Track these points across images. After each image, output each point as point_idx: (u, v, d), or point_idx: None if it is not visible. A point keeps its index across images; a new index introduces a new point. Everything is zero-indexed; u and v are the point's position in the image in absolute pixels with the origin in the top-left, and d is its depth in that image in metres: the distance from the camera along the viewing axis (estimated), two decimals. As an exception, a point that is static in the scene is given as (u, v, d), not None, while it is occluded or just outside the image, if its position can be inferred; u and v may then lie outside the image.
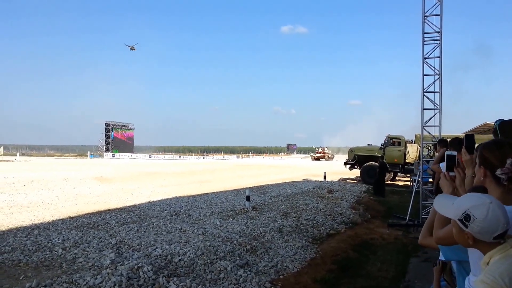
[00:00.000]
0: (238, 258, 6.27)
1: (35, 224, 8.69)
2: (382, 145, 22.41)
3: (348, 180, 23.69)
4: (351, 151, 24.14)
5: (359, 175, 22.88)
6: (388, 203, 14.12)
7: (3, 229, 8.15)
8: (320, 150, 79.96)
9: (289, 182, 20.67)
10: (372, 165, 21.35)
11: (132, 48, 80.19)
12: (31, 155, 78.00)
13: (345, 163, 24.40)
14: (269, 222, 8.98)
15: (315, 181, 21.88)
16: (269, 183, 20.09)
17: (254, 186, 17.73)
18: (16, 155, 62.47)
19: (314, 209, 11.19)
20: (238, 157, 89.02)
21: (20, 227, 8.36)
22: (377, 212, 12.12)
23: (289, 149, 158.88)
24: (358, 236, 8.77)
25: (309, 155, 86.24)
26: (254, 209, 10.77)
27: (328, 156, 77.68)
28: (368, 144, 24.73)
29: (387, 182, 20.35)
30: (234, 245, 6.90)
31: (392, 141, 22.14)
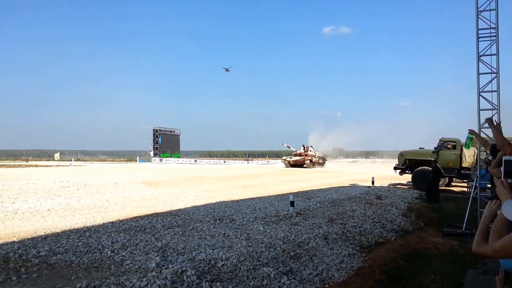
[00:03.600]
0: (281, 265, 6.18)
1: (87, 227, 8.93)
2: (435, 149, 21.47)
3: (398, 186, 22.89)
4: (401, 155, 23.23)
5: (410, 180, 22.08)
6: (443, 210, 13.51)
7: (58, 231, 8.42)
8: (300, 151, 53.38)
9: (335, 187, 20.35)
10: (425, 169, 20.45)
11: (226, 70, 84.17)
12: (85, 160, 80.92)
13: (395, 168, 23.46)
14: (314, 229, 8.82)
15: (363, 186, 21.43)
16: (314, 188, 19.86)
17: (299, 191, 17.56)
18: (71, 160, 64.99)
19: (362, 215, 10.91)
20: (282, 162, 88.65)
21: (73, 229, 8.62)
22: (430, 220, 11.59)
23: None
24: (409, 245, 8.42)
25: (284, 160, 55.34)
26: (298, 215, 10.64)
27: (312, 160, 52.33)
28: (420, 148, 23.77)
29: (441, 188, 19.47)
30: (278, 252, 6.81)
31: (446, 144, 21.20)
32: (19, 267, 5.81)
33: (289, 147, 57.64)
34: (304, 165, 51.40)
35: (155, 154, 79.85)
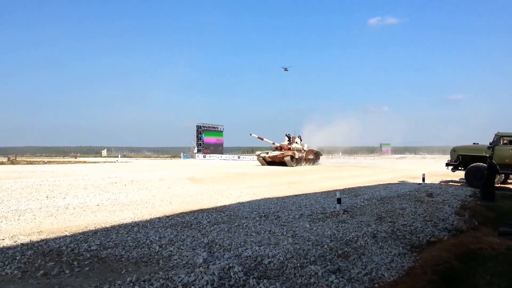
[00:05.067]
0: (329, 263, 6.05)
1: (135, 222, 9.09)
2: (490, 144, 20.50)
3: (450, 183, 22.02)
4: (453, 150, 22.20)
5: (463, 177, 21.18)
6: (498, 209, 12.87)
7: (107, 226, 8.61)
8: (283, 144, 43.95)
9: (383, 184, 19.90)
10: (479, 166, 19.55)
11: (285, 69, 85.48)
12: (131, 157, 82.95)
13: (447, 164, 22.51)
14: (362, 227, 8.62)
15: (413, 183, 20.81)
16: (361, 185, 19.47)
17: (345, 188, 17.27)
18: (118, 157, 66.79)
19: (412, 213, 10.59)
20: (328, 158, 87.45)
21: (122, 224, 8.80)
22: (486, 219, 11.05)
23: (383, 150, 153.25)
24: (463, 245, 8.05)
25: (258, 155, 45.12)
26: (345, 212, 10.44)
27: (294, 156, 41.57)
28: (474, 143, 22.70)
29: (496, 185, 18.52)
30: (325, 250, 6.69)
31: (503, 140, 20.08)
32: (71, 260, 5.96)
33: (262, 139, 46.87)
34: (289, 160, 41.18)
35: (198, 151, 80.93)
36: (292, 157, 41.46)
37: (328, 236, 7.76)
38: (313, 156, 46.74)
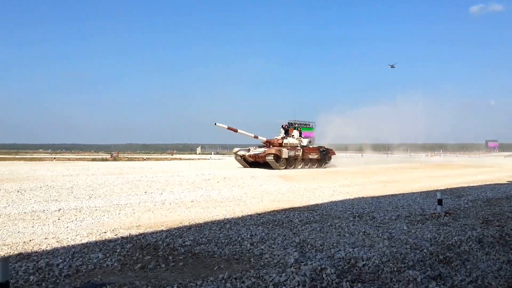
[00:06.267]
0: (429, 269, 5.64)
1: (227, 219, 9.21)
2: None
3: None
4: None
5: None
6: None
7: (201, 222, 8.81)
8: (276, 138, 32.51)
9: (489, 185, 18.42)
10: None
11: (392, 66, 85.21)
12: (223, 154, 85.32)
13: None
14: (466, 230, 7.99)
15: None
16: (465, 185, 18.19)
17: (446, 188, 16.23)
18: (211, 154, 69.00)
19: (524, 217, 9.66)
20: (427, 155, 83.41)
21: (214, 221, 8.95)
22: None
23: (489, 146, 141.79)
24: None
25: (236, 153, 32.88)
26: (447, 215, 9.77)
27: (280, 155, 29.77)
28: None
29: None
30: (425, 254, 6.26)
31: None
32: (167, 255, 6.14)
33: (235, 131, 32.41)
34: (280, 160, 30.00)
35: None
36: (278, 157, 29.60)
37: (428, 239, 7.28)
38: (318, 155, 33.42)
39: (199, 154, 69.86)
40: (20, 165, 31.45)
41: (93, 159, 52.44)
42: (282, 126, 34.92)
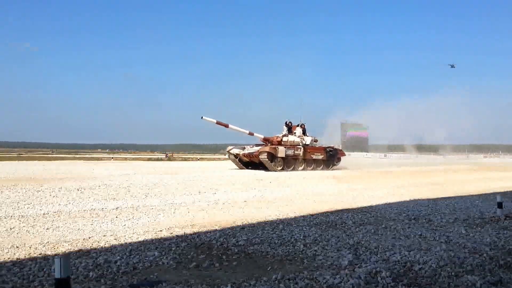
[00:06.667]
0: (489, 274, 5.42)
1: (280, 219, 9.24)
2: None
3: None
4: None
5: None
6: None
7: (254, 222, 8.89)
8: (278, 136, 29.43)
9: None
10: None
11: (452, 66, 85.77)
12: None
13: None
14: (530, 235, 7.62)
15: None
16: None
17: (507, 191, 15.54)
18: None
19: None
20: (485, 156, 79.80)
21: (267, 221, 9.00)
22: None
23: None
24: None
25: (229, 151, 29.90)
26: (507, 218, 9.35)
27: (276, 154, 26.54)
28: None
29: None
30: (484, 259, 6.03)
31: None
32: (221, 254, 6.23)
33: (226, 126, 28.86)
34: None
35: (343, 148, 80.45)
36: (272, 156, 26.43)
37: (488, 243, 7.00)
38: (324, 156, 29.89)
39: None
40: (80, 165, 32.84)
41: (149, 159, 53.99)
42: (285, 123, 30.63)
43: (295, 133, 30.02)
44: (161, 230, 7.91)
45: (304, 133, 30.57)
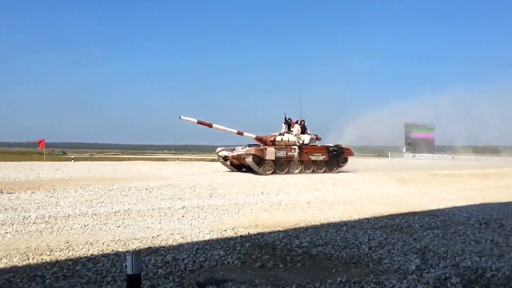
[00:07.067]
0: None
1: (343, 221, 9.15)
2: None
3: None
4: None
5: None
6: None
7: (317, 224, 8.86)
8: (273, 135, 25.79)
9: None
10: None
11: None
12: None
13: None
14: None
15: None
16: None
17: None
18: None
19: None
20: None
21: (330, 223, 8.95)
22: None
23: None
24: None
25: (218, 154, 26.89)
26: None
27: (263, 156, 23.06)
28: None
29: None
30: None
31: None
32: (284, 255, 6.28)
33: (210, 126, 25.25)
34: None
35: (407, 150, 78.56)
36: (259, 158, 23.33)
37: None
38: (326, 157, 25.92)
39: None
40: (147, 165, 34.03)
41: (212, 160, 55.03)
42: (285, 119, 26.83)
43: (291, 131, 26.14)
44: (225, 230, 8.07)
45: (303, 131, 26.55)
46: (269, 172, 23.68)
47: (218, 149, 26.82)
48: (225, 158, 25.85)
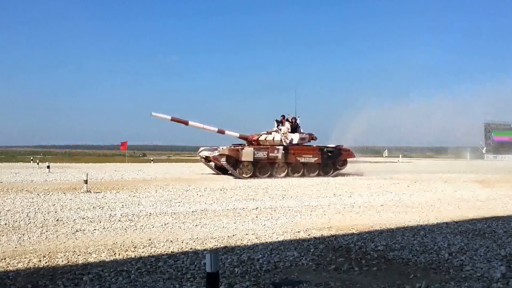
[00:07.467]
0: None
1: (420, 225, 8.84)
2: None
3: None
4: None
5: None
6: None
7: (392, 227, 8.63)
8: (260, 133, 24.18)
9: None
10: None
11: None
12: (411, 157, 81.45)
13: None
14: None
15: None
16: None
17: None
18: (399, 156, 66.54)
19: None
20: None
21: (407, 227, 8.68)
22: None
23: None
24: None
25: (199, 154, 25.50)
26: None
27: (239, 158, 21.06)
28: None
29: None
30: None
31: None
32: (359, 258, 6.17)
33: (186, 123, 23.37)
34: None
35: (487, 151, 74.63)
36: (235, 160, 21.18)
37: None
38: (318, 158, 23.22)
39: (386, 157, 68.16)
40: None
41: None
42: (285, 118, 24.32)
43: (280, 129, 23.56)
44: (299, 231, 8.08)
45: (295, 129, 23.80)
46: (247, 176, 21.36)
47: (201, 148, 24.83)
48: (207, 159, 23.66)
